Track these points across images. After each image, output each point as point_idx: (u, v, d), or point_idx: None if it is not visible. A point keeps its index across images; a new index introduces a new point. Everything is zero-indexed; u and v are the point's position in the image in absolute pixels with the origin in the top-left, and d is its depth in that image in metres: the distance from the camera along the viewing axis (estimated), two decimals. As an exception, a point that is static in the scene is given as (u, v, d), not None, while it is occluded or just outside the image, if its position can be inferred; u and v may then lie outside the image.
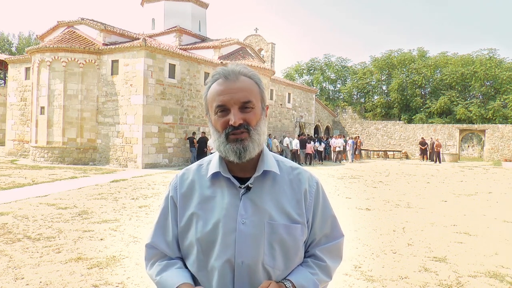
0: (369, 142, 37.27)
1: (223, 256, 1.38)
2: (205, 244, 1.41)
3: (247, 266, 1.38)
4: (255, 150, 1.41)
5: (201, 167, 1.54)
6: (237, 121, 1.37)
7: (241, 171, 1.46)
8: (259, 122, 1.43)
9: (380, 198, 11.44)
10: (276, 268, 1.41)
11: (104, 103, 20.60)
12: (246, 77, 1.44)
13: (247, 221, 1.40)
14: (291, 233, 1.43)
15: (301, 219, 1.46)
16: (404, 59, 41.02)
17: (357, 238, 6.67)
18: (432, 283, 4.70)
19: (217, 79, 1.44)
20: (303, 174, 1.54)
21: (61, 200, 9.68)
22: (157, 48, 19.93)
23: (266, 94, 1.38)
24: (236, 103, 1.38)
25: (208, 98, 1.46)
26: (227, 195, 1.43)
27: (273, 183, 1.47)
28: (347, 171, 20.38)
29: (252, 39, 35.30)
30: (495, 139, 32.48)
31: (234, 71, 1.43)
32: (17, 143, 24.89)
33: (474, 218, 8.76)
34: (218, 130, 1.41)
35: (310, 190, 1.51)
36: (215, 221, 1.41)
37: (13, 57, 26.32)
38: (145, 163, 19.39)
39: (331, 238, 1.55)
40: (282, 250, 1.42)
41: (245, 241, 1.39)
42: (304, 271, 1.46)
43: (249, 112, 1.40)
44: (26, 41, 51.30)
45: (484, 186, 14.95)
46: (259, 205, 1.42)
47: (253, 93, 1.42)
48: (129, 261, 5.25)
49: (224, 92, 1.40)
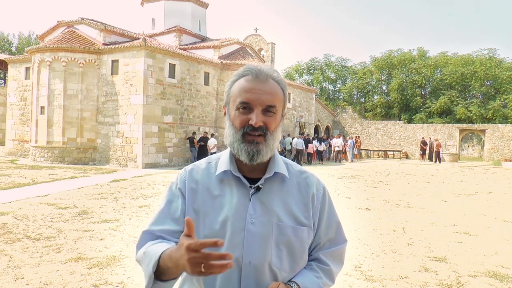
0: (369, 142, 37.25)
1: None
2: None
3: (254, 266, 1.37)
4: (267, 154, 1.40)
5: (210, 165, 1.53)
6: (258, 122, 1.36)
7: (249, 172, 1.46)
8: (277, 128, 1.43)
9: (380, 198, 11.43)
10: (282, 269, 1.41)
11: (104, 103, 20.60)
12: (275, 82, 1.44)
13: (256, 221, 1.39)
14: (298, 236, 1.43)
15: (308, 222, 1.46)
16: (404, 59, 40.99)
17: (357, 238, 6.67)
18: (432, 283, 4.69)
19: (247, 75, 1.43)
20: (311, 179, 1.54)
21: (61, 200, 9.67)
22: (157, 48, 19.92)
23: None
24: (261, 104, 1.38)
25: (232, 91, 1.44)
26: (236, 194, 1.43)
27: (281, 185, 1.47)
28: (347, 171, 20.38)
29: (252, 39, 35.30)
30: (495, 139, 32.47)
31: (265, 72, 1.42)
32: (17, 143, 24.89)
33: (474, 218, 8.76)
34: (236, 126, 1.40)
35: (317, 194, 1.52)
36: (223, 219, 1.40)
37: (13, 57, 26.33)
38: (145, 163, 19.39)
39: (335, 243, 1.56)
40: (288, 252, 1.42)
41: (254, 241, 1.38)
42: (309, 274, 1.46)
43: (271, 117, 1.40)
44: (26, 41, 51.27)
45: (484, 186, 14.95)
46: (268, 206, 1.42)
47: (278, 98, 1.42)
48: (129, 261, 5.25)
49: (251, 90, 1.39)
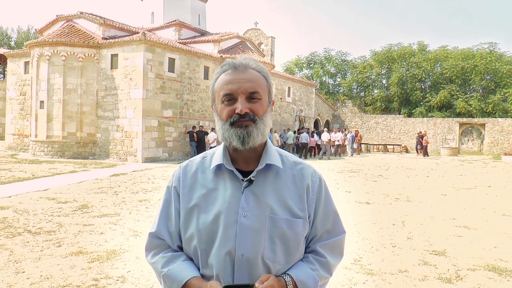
0: (369, 136, 37.24)
1: (224, 248, 1.38)
2: (205, 235, 1.41)
3: (247, 259, 1.38)
4: (259, 137, 1.41)
5: (204, 159, 1.54)
6: (244, 109, 1.38)
7: (244, 164, 1.46)
8: (265, 114, 1.44)
9: (380, 192, 11.45)
10: (276, 262, 1.41)
11: (103, 97, 20.56)
12: (255, 71, 1.46)
13: (248, 214, 1.40)
14: (292, 228, 1.43)
15: (303, 214, 1.46)
16: (404, 53, 40.94)
17: (356, 232, 6.69)
18: (431, 277, 4.71)
19: (226, 70, 1.46)
20: (306, 169, 1.53)
21: (61, 194, 9.69)
22: (157, 42, 19.86)
23: (273, 89, 1.42)
24: (243, 92, 1.40)
25: (215, 88, 1.47)
26: (229, 188, 1.44)
27: (275, 177, 1.47)
28: (346, 165, 20.40)
29: (252, 33, 35.20)
30: (495, 133, 32.47)
31: (243, 63, 1.45)
32: (16, 137, 24.88)
33: (474, 212, 8.78)
34: (223, 119, 1.42)
35: (313, 185, 1.51)
36: (216, 213, 1.41)
37: (12, 51, 26.25)
38: (145, 157, 19.40)
39: (332, 234, 1.55)
40: (282, 244, 1.42)
41: (246, 234, 1.39)
42: (304, 266, 1.45)
43: (256, 103, 1.41)
44: (25, 35, 51.14)
45: (483, 179, 14.97)
46: (261, 199, 1.42)
47: (260, 85, 1.44)
48: (129, 255, 5.27)
49: (232, 81, 1.41)
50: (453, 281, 4.59)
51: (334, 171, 17.30)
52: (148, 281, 4.38)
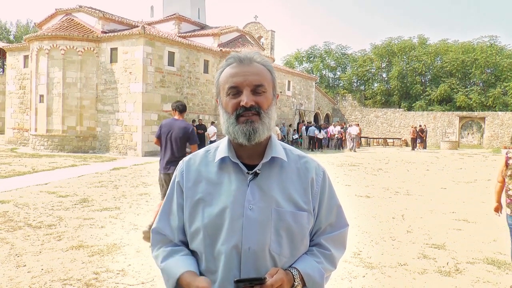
0: (369, 129, 37.22)
1: (230, 242, 1.38)
2: (211, 229, 1.41)
3: (253, 252, 1.38)
4: (264, 133, 1.41)
5: (208, 153, 1.54)
6: (249, 102, 1.38)
7: (248, 158, 1.46)
8: (270, 107, 1.44)
9: (380, 185, 11.47)
10: (282, 255, 1.42)
11: (103, 91, 20.53)
12: (260, 64, 1.46)
13: (254, 207, 1.40)
14: (297, 221, 1.43)
15: (308, 207, 1.46)
16: (404, 47, 40.83)
17: (356, 225, 6.70)
18: (430, 270, 4.73)
19: (231, 63, 1.46)
20: (311, 163, 1.54)
21: (61, 188, 9.70)
22: (156, 36, 19.80)
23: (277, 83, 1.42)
24: (248, 85, 1.40)
25: (220, 81, 1.47)
26: (234, 181, 1.43)
27: (280, 171, 1.47)
28: (346, 159, 20.41)
29: (252, 26, 35.06)
30: (495, 126, 32.45)
31: (248, 56, 1.45)
32: (16, 132, 24.87)
33: (473, 205, 8.80)
34: (229, 112, 1.42)
35: (317, 179, 1.51)
36: (222, 206, 1.41)
37: (11, 45, 26.18)
38: (145, 151, 19.40)
39: (336, 227, 1.55)
40: (288, 237, 1.42)
41: (252, 227, 1.39)
42: (309, 259, 1.46)
43: (261, 95, 1.41)
44: (24, 29, 50.94)
45: (483, 173, 14.97)
46: (267, 192, 1.42)
47: (265, 78, 1.44)
48: (129, 248, 5.29)
49: (237, 74, 1.41)
50: (452, 274, 4.60)
51: (334, 164, 17.31)
52: (149, 275, 4.40)
